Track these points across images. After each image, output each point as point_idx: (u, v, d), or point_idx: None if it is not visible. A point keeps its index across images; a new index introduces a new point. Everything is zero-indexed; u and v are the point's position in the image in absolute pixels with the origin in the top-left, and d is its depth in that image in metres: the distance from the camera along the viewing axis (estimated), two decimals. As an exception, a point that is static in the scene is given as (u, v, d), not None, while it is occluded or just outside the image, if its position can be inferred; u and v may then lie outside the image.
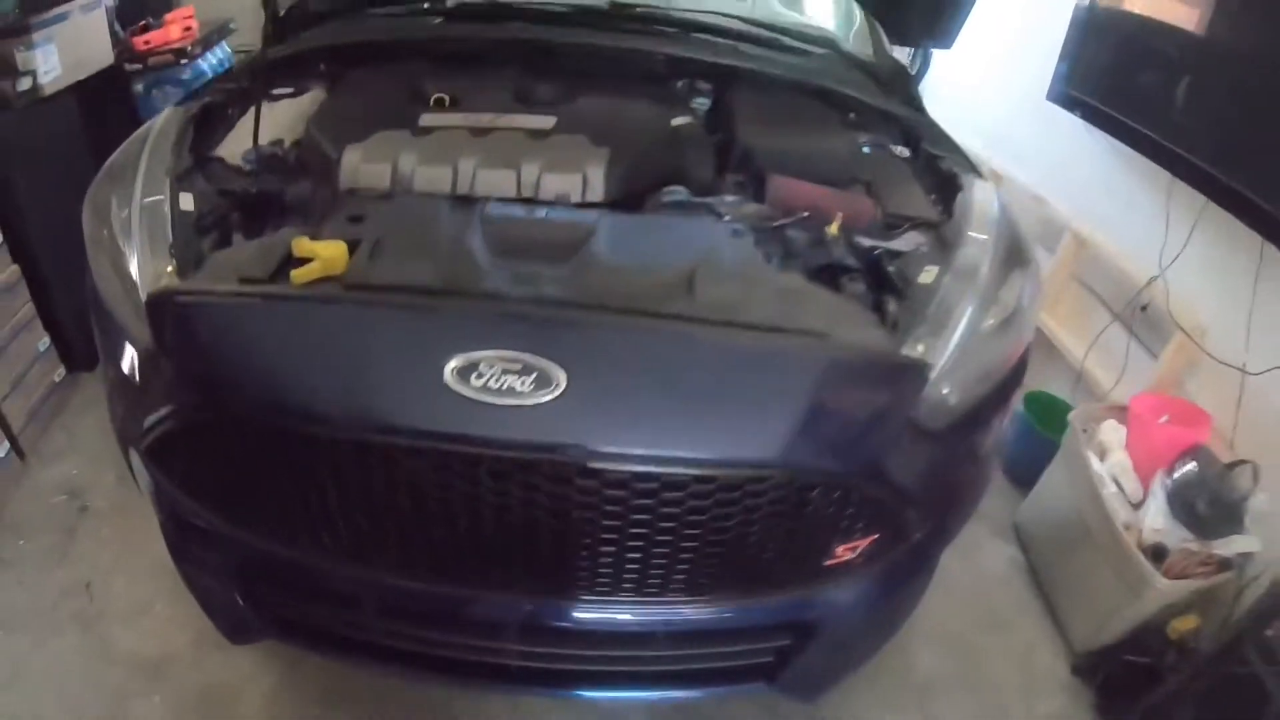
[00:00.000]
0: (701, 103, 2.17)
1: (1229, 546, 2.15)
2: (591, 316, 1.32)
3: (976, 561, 2.74)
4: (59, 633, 2.23)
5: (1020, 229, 1.75)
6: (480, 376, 1.24)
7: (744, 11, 2.54)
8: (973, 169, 1.94)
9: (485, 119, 1.81)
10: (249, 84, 2.05)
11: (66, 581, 2.38)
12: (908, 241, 1.64)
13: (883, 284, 1.57)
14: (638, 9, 2.28)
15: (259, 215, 1.66)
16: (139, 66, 3.46)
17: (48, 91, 2.98)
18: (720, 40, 2.19)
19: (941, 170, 1.92)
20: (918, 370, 1.39)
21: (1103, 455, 2.58)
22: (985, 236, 1.63)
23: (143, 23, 3.55)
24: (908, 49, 2.61)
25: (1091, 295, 3.29)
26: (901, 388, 1.39)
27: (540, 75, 2.03)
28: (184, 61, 3.58)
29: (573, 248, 1.45)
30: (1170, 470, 2.29)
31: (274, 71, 2.09)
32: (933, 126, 2.13)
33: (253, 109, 2.01)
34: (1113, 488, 2.43)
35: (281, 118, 2.03)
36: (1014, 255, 1.64)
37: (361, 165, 1.67)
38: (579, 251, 1.45)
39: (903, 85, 2.30)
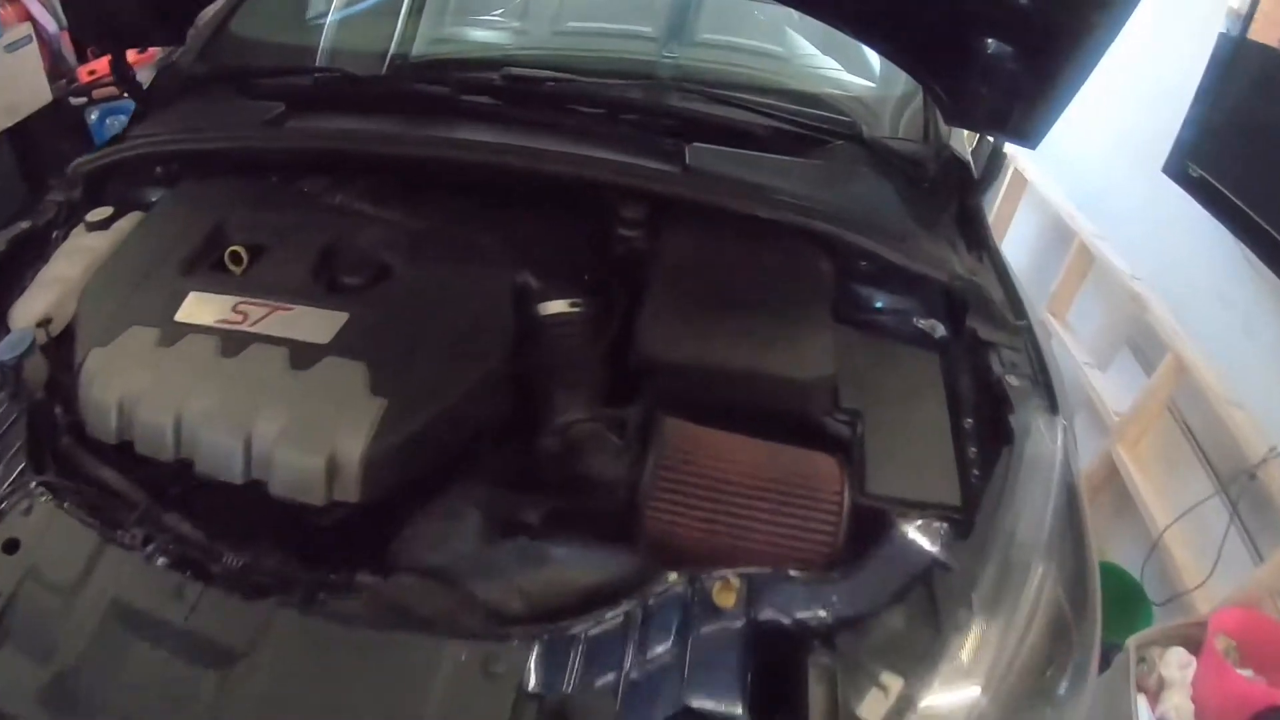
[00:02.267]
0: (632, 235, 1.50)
1: None
2: None
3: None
4: None
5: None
6: None
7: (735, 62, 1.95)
8: (1043, 386, 1.25)
9: (250, 315, 1.26)
10: (57, 206, 1.57)
11: None
12: (871, 588, 0.99)
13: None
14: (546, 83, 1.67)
15: None
16: (84, 100, 3.15)
17: None
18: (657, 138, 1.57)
19: (988, 381, 1.25)
20: None
21: (1159, 691, 2.01)
22: (1037, 570, 0.98)
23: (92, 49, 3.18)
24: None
25: (1187, 441, 2.56)
26: None
27: (387, 201, 1.50)
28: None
29: None
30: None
31: (91, 185, 1.59)
32: (987, 285, 1.43)
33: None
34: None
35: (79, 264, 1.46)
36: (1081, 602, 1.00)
37: (92, 390, 1.20)
38: None
39: (957, 191, 1.60)
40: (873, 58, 2.02)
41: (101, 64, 3.09)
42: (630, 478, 1.14)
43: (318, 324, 1.25)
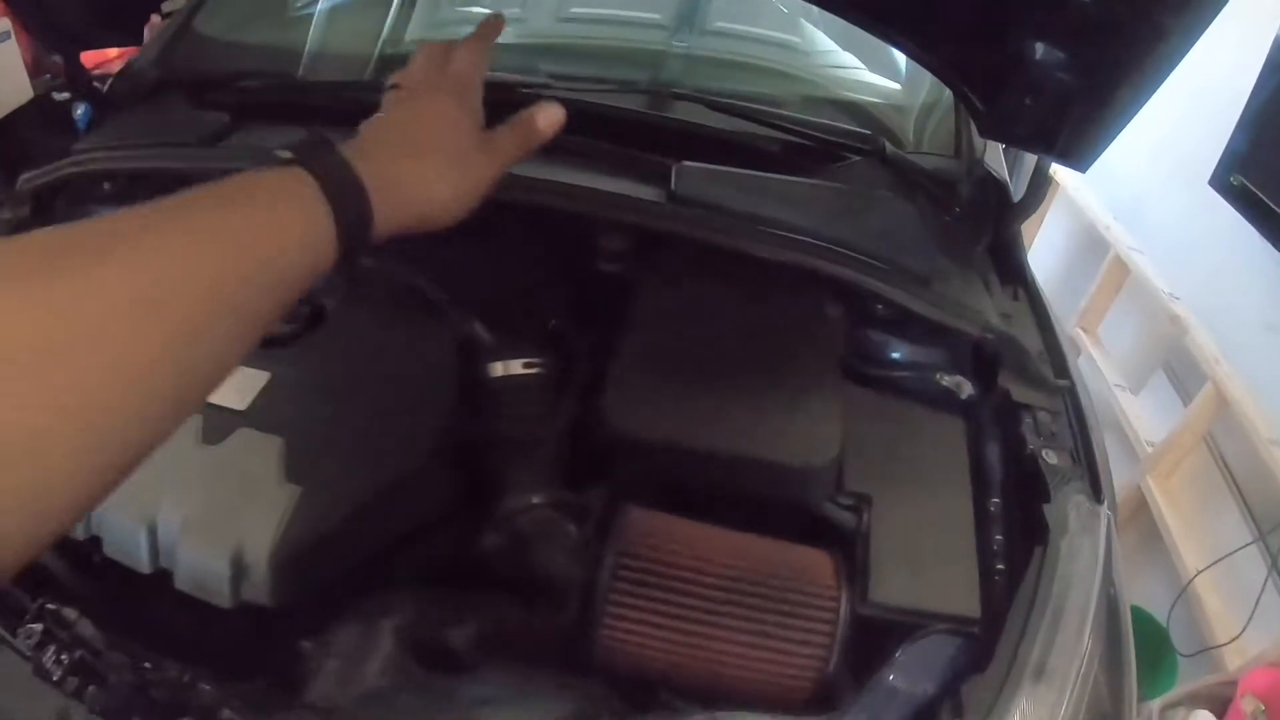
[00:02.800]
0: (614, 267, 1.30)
1: None
2: None
3: None
4: None
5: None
6: None
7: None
8: (1084, 463, 1.06)
9: None
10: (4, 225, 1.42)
11: None
12: None
13: None
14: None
15: None
16: (67, 95, 2.85)
17: None
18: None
19: (1021, 454, 1.06)
20: None
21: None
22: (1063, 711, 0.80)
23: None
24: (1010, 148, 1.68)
25: (1225, 480, 2.38)
26: None
27: None
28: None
29: None
30: None
31: (40, 203, 1.44)
32: (1023, 332, 1.23)
33: None
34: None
35: None
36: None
37: None
38: None
39: (992, 218, 1.41)
40: (899, 55, 1.82)
41: (87, 58, 2.94)
42: (586, 578, 0.96)
43: (239, 383, 1.07)
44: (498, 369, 1.08)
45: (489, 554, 1.04)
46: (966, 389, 1.17)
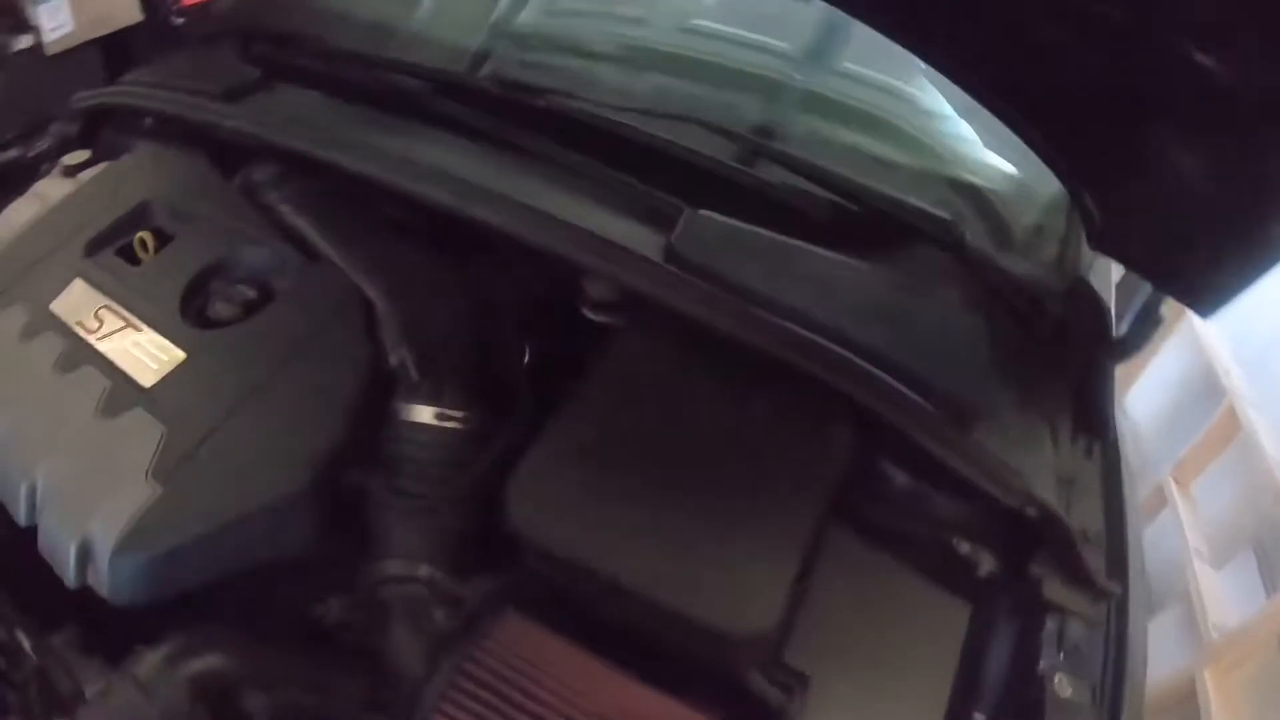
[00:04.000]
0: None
1: None
2: None
3: None
4: None
5: None
6: None
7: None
8: (1106, 710, 0.81)
9: (105, 325, 1.08)
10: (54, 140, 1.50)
11: None
12: None
13: None
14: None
15: None
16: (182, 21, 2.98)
17: (53, 50, 2.87)
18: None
19: (1028, 673, 0.82)
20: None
21: None
22: None
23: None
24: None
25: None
26: None
27: (313, 212, 1.21)
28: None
29: None
30: None
31: (89, 123, 1.51)
32: (1084, 506, 0.97)
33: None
34: None
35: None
36: None
37: None
38: None
39: (1083, 349, 1.15)
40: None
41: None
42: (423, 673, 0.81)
43: (155, 358, 1.02)
44: (410, 412, 0.93)
45: (339, 615, 0.91)
46: (986, 565, 0.92)
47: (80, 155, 1.41)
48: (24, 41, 2.88)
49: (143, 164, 1.36)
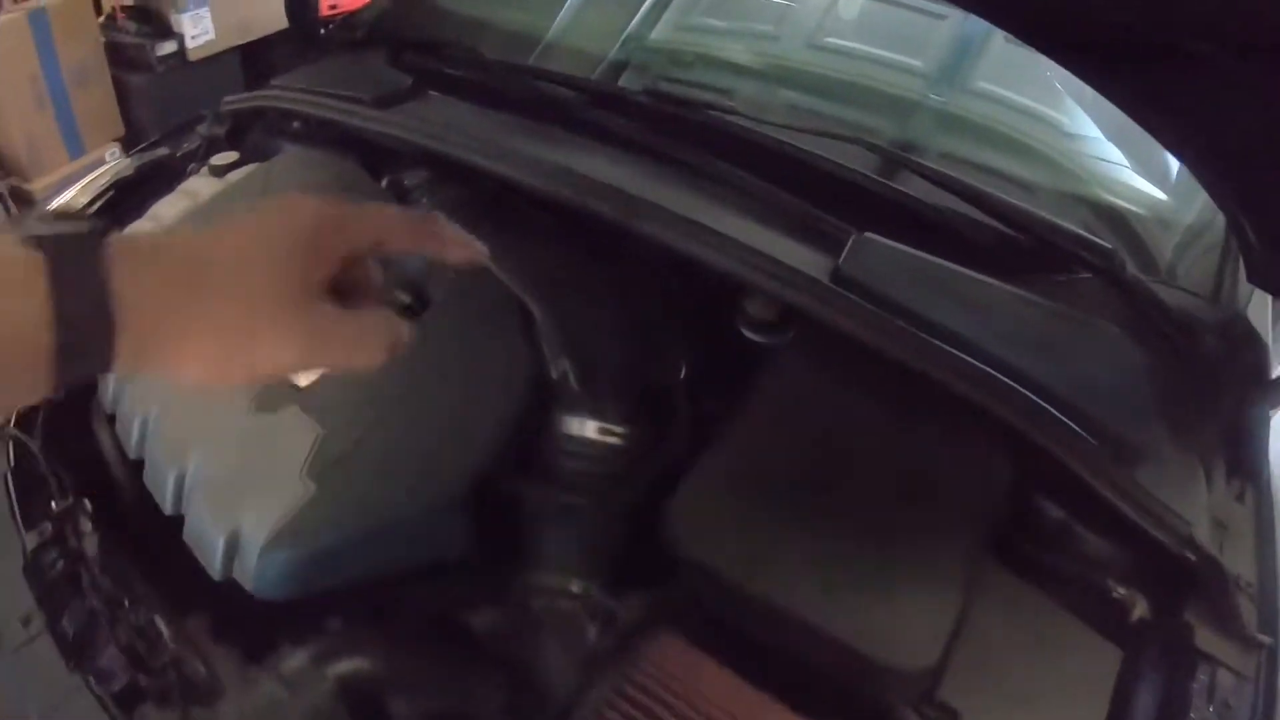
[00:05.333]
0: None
1: None
2: None
3: None
4: None
5: None
6: None
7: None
8: None
9: None
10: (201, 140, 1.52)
11: None
12: None
13: None
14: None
15: None
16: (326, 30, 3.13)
17: (195, 56, 3.10)
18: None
19: None
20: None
21: None
22: None
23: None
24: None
25: None
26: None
27: (468, 218, 1.14)
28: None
29: None
30: None
31: (237, 125, 1.54)
32: (1237, 553, 0.93)
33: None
34: None
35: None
36: None
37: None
38: None
39: (1239, 386, 1.10)
40: (1171, 160, 1.51)
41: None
42: (578, 692, 0.79)
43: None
44: (571, 425, 0.92)
45: (484, 622, 0.90)
46: (1140, 609, 0.89)
47: (229, 156, 1.43)
48: (168, 47, 3.05)
49: (292, 166, 1.38)
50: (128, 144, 3.08)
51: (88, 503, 0.99)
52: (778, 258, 0.97)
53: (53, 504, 0.98)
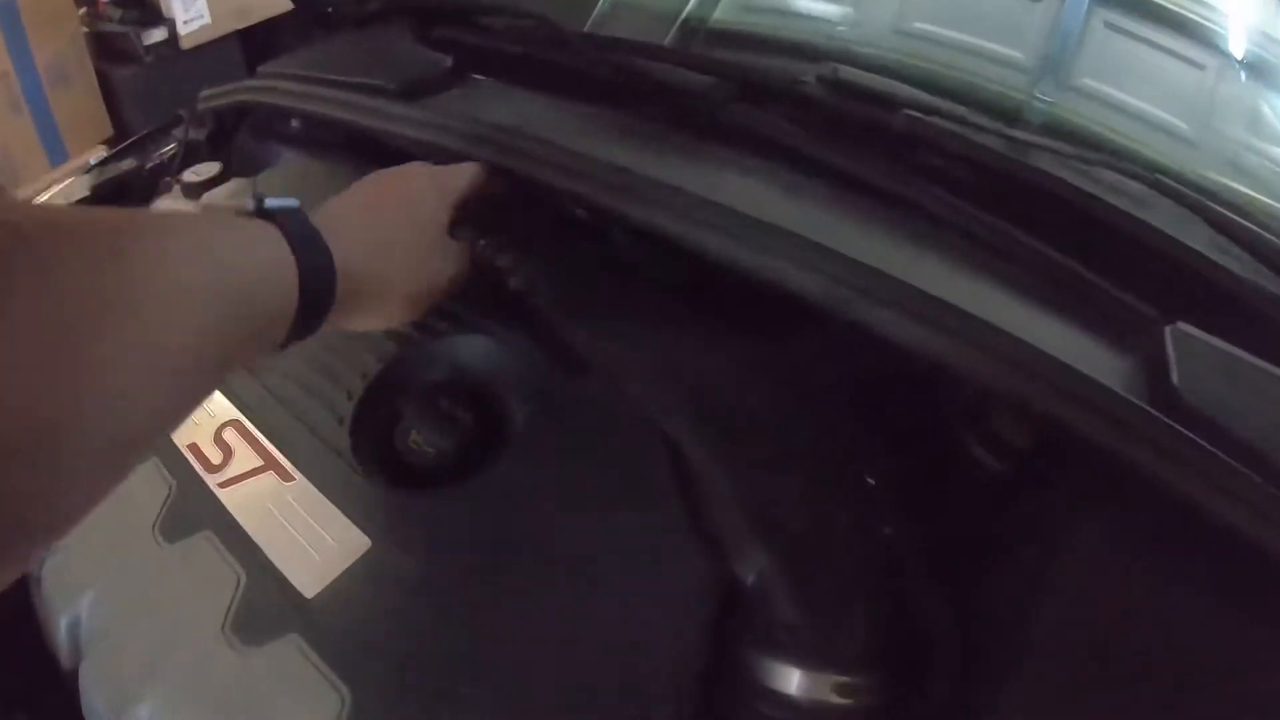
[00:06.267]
0: None
1: None
2: None
3: None
4: None
5: None
6: None
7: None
8: None
9: (233, 456, 0.80)
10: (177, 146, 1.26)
11: None
12: None
13: None
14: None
15: None
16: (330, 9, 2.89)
17: (189, 44, 2.84)
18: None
19: None
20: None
21: None
22: None
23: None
24: None
25: None
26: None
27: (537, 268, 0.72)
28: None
29: None
30: None
31: (221, 124, 1.29)
32: None
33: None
34: None
35: None
36: None
37: None
38: None
39: None
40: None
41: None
42: None
43: (326, 547, 0.67)
44: (792, 683, 0.54)
45: None
46: None
47: (208, 169, 1.11)
48: (158, 35, 2.77)
49: (290, 182, 1.07)
50: (117, 146, 2.79)
51: None
52: (1074, 365, 0.58)
53: None
